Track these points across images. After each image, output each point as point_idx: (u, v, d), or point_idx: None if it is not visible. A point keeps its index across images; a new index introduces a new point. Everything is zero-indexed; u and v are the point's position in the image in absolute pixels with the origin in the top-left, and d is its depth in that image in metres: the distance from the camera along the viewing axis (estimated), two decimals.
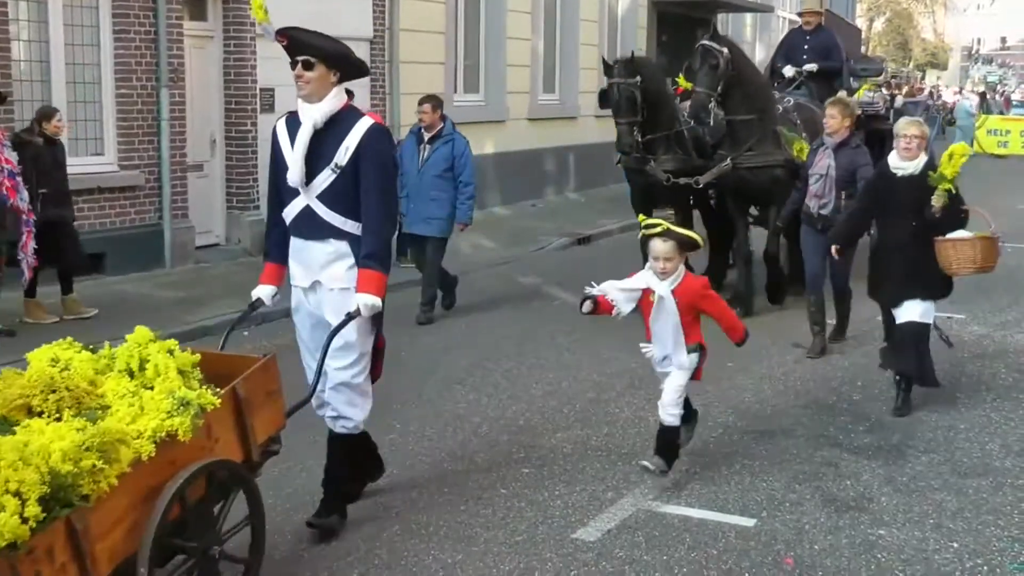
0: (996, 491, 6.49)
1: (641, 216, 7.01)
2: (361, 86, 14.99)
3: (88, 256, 10.51)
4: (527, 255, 10.09)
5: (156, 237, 12.46)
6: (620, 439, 7.32)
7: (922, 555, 5.64)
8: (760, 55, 29.54)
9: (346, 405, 5.70)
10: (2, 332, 9.26)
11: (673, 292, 6.21)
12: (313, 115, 5.39)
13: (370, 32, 15.73)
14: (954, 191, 7.60)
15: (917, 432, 7.51)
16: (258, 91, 13.85)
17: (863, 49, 57.69)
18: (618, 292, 6.33)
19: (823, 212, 9.20)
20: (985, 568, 5.51)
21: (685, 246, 6.28)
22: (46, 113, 9.85)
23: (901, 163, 7.80)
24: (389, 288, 5.58)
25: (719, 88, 10.35)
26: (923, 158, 7.78)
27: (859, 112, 12.08)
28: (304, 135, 5.40)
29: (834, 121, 9.18)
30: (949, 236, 7.69)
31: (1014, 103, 46.33)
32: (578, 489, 6.42)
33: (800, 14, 14.21)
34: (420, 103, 10.75)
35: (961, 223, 7.76)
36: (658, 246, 6.21)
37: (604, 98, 11.01)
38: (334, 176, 5.39)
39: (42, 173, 9.55)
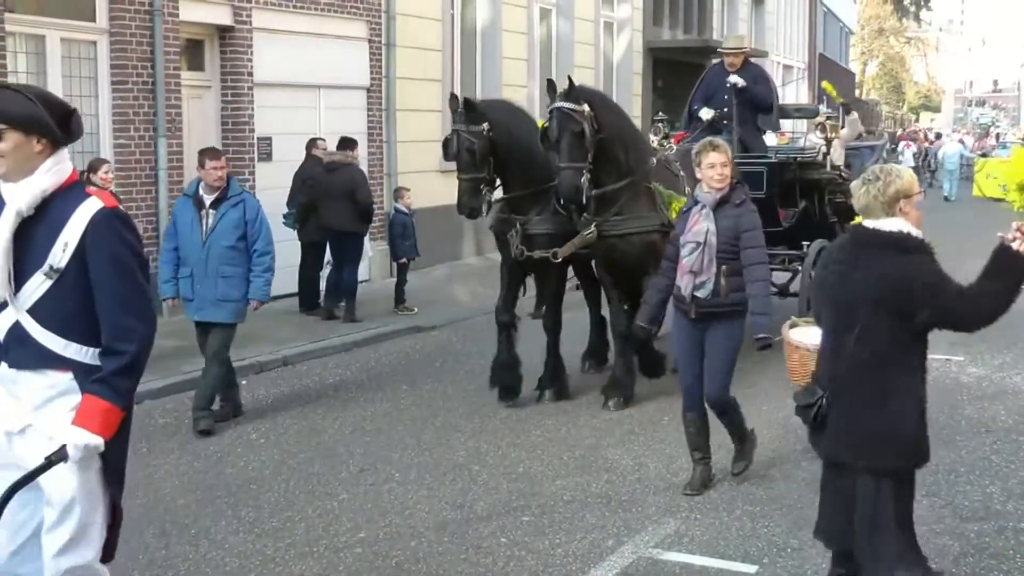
0: (998, 535, 6.45)
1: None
2: (358, 136, 15.12)
3: None
4: (525, 302, 10.13)
5: (153, 287, 12.41)
6: (620, 486, 7.29)
7: None
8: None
9: None
10: None
11: None
12: (16, 200, 3.92)
13: (367, 80, 15.82)
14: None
15: (917, 475, 7.46)
16: (256, 140, 13.90)
17: (856, 93, 58.15)
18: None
19: (699, 295, 6.96)
20: None
21: None
22: (93, 166, 9.85)
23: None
24: (385, 337, 5.51)
25: (590, 157, 8.54)
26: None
27: (792, 160, 11.66)
28: (5, 227, 3.92)
29: (724, 171, 6.97)
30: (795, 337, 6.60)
31: (1009, 145, 46.38)
32: (579, 537, 6.38)
33: (722, 54, 12.62)
34: (206, 157, 8.73)
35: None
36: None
37: (446, 149, 9.19)
38: (50, 283, 3.95)
39: None
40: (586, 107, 8.53)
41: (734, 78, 11.58)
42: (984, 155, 38.02)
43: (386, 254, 14.98)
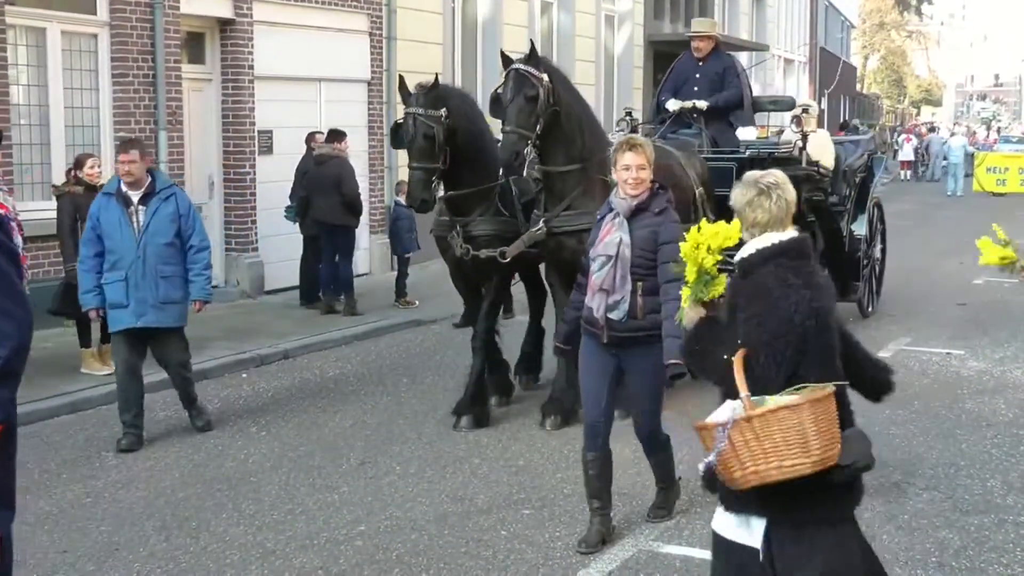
0: (998, 528, 6.46)
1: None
2: (358, 129, 15.10)
3: None
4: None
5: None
6: (621, 479, 7.25)
7: None
8: (756, 93, 29.65)
9: None
10: None
11: None
12: None
13: (367, 74, 15.81)
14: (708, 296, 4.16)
15: (918, 469, 7.48)
16: (256, 133, 13.91)
17: (858, 87, 58.15)
18: None
19: (613, 316, 5.99)
20: None
21: None
22: (79, 160, 9.84)
23: None
24: (385, 330, 5.50)
25: (538, 128, 7.84)
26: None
27: (766, 155, 10.74)
28: None
29: (641, 174, 6.04)
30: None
31: (1012, 139, 46.19)
32: (579, 530, 6.37)
33: (690, 38, 11.81)
34: (124, 149, 8.04)
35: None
36: None
37: (396, 135, 8.44)
38: None
39: (85, 221, 9.53)
40: (545, 76, 7.91)
41: (701, 103, 10.76)
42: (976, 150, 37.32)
43: (387, 247, 14.97)
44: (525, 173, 8.70)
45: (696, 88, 10.94)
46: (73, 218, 9.39)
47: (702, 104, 10.74)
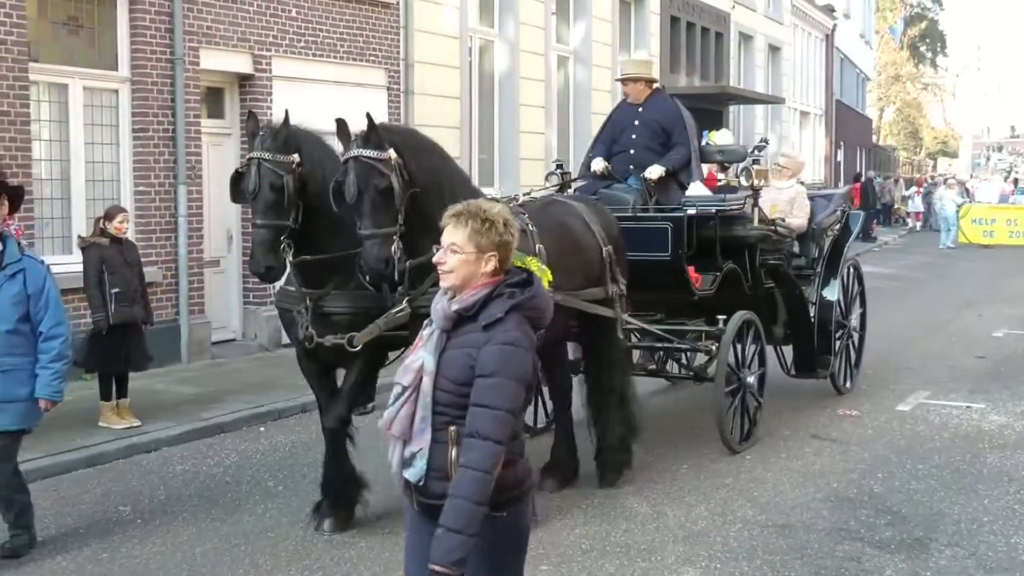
0: None
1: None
2: None
3: (148, 356, 10.17)
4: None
5: (173, 333, 12.50)
6: (639, 535, 7.23)
7: None
8: (772, 148, 29.74)
9: None
10: None
11: None
12: None
13: None
14: None
15: (940, 525, 7.41)
16: None
17: (874, 139, 58.26)
18: None
19: (409, 476, 4.10)
20: None
21: None
22: (109, 213, 9.93)
23: None
24: None
25: (400, 219, 6.50)
26: None
27: (713, 213, 9.32)
28: None
29: (454, 260, 3.95)
30: None
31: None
32: None
33: (621, 82, 10.28)
34: None
35: None
36: None
37: (236, 185, 6.94)
38: None
39: (111, 273, 9.59)
40: (392, 153, 6.56)
41: (654, 171, 9.39)
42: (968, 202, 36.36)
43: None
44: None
45: (634, 136, 9.67)
46: (99, 270, 9.51)
47: (654, 174, 9.38)
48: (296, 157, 6.79)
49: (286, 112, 7.07)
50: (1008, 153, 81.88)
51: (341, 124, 6.78)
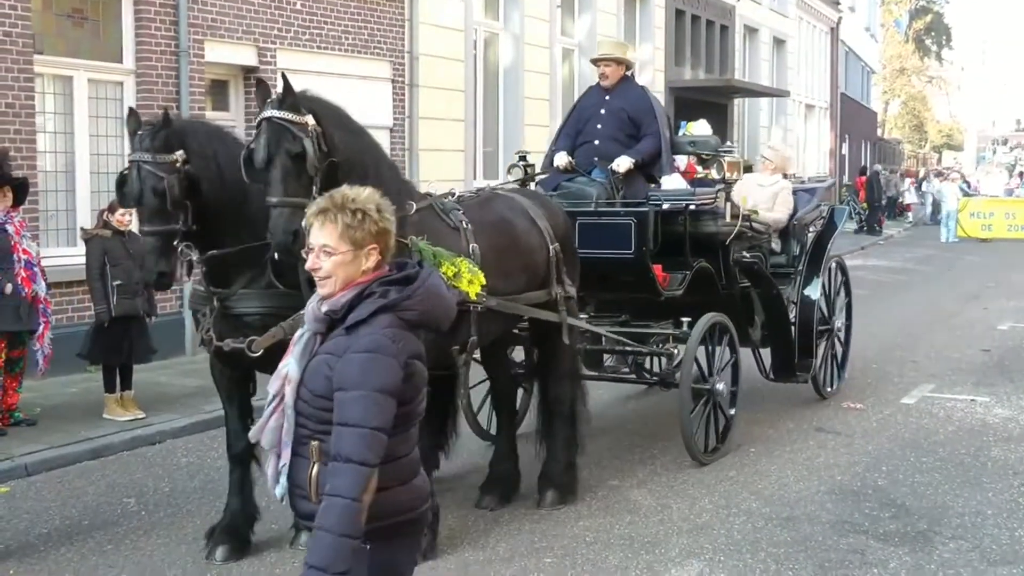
0: None
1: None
2: None
3: (152, 348, 10.10)
4: None
5: (177, 325, 12.50)
6: (643, 527, 7.23)
7: None
8: (775, 140, 29.67)
9: None
10: (22, 422, 9.26)
11: None
12: None
13: (390, 120, 15.92)
14: None
15: (944, 518, 7.41)
16: None
17: (879, 132, 58.19)
18: None
19: (278, 493, 3.82)
20: None
21: None
22: (112, 206, 9.94)
23: None
24: None
25: (314, 191, 5.71)
26: None
27: (680, 208, 8.69)
28: None
29: (326, 263, 3.57)
30: None
31: None
32: None
33: (595, 63, 9.64)
34: None
35: None
36: None
37: (121, 190, 6.40)
38: None
39: (114, 265, 9.59)
40: (310, 119, 5.92)
41: (622, 163, 8.84)
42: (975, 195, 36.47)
43: None
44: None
45: (600, 127, 9.13)
46: (101, 261, 9.50)
47: (623, 166, 8.82)
48: (180, 155, 6.21)
49: (165, 110, 6.61)
50: (1011, 148, 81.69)
51: (260, 83, 6.26)
